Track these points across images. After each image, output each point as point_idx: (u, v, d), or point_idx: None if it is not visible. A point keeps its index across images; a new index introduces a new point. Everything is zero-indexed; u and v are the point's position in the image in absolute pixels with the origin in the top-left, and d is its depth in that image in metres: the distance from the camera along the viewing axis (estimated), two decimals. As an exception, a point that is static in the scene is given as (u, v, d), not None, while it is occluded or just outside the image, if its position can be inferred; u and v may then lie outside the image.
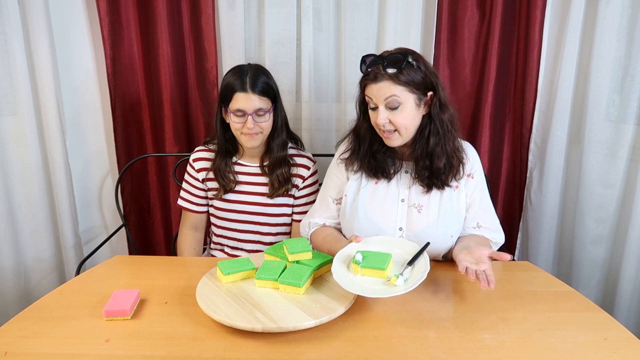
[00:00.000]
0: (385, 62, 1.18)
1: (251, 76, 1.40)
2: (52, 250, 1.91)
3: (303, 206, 1.58)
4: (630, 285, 1.67)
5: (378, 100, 1.20)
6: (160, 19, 1.76)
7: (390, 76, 1.18)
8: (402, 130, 1.22)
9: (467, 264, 1.08)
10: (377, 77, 1.19)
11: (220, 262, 1.16)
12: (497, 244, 1.37)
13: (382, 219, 1.31)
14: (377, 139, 1.31)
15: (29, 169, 1.79)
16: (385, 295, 1.03)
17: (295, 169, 1.55)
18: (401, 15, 1.76)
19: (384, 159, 1.32)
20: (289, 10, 1.81)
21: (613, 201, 1.71)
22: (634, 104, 1.62)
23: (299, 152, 1.58)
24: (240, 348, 0.94)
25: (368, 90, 1.22)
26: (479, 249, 1.12)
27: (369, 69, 1.22)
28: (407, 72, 1.18)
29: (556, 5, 1.71)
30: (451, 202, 1.31)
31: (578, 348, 0.94)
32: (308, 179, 1.57)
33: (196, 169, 1.57)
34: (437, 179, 1.28)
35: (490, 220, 1.36)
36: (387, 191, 1.33)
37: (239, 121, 1.41)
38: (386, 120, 1.20)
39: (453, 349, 0.94)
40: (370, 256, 1.12)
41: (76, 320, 1.04)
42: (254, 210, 1.56)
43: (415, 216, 1.30)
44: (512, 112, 1.86)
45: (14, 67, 1.69)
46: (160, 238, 2.06)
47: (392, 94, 1.18)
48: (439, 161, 1.26)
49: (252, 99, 1.39)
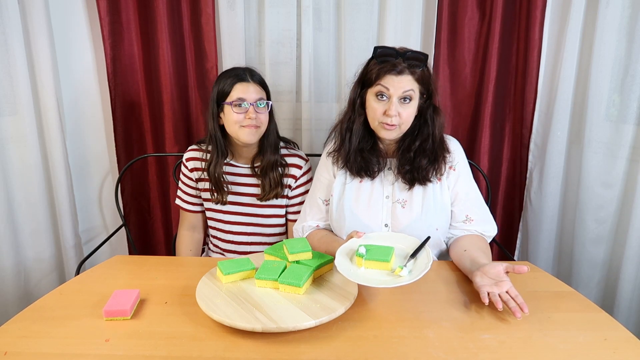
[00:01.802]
0: (409, 58, 1.22)
1: (248, 71, 1.46)
2: (52, 250, 1.91)
3: (298, 205, 1.58)
4: (630, 285, 1.67)
5: (396, 92, 1.22)
6: (160, 19, 1.76)
7: (412, 72, 1.22)
8: (404, 125, 1.26)
9: (488, 289, 1.05)
10: (400, 71, 1.22)
11: (220, 262, 1.16)
12: (489, 237, 1.38)
13: (368, 216, 1.34)
14: (367, 135, 1.33)
15: (29, 169, 1.79)
16: (391, 285, 1.03)
17: (287, 169, 1.55)
18: (401, 15, 1.76)
19: (369, 158, 1.33)
20: (289, 10, 1.81)
21: (613, 201, 1.71)
22: (634, 104, 1.61)
23: (290, 152, 1.58)
24: (240, 348, 0.94)
25: (386, 81, 1.23)
26: (493, 267, 1.10)
27: (386, 60, 1.23)
28: (424, 72, 1.25)
29: (556, 5, 1.71)
30: (434, 196, 1.33)
31: (578, 348, 0.94)
32: (301, 178, 1.57)
33: (189, 168, 1.58)
34: (417, 174, 1.30)
35: (479, 211, 1.37)
36: (372, 189, 1.36)
37: (239, 111, 1.41)
38: (397, 112, 1.23)
39: (453, 349, 0.94)
40: (373, 249, 1.12)
41: (76, 320, 1.03)
42: (245, 211, 1.56)
43: (400, 212, 1.33)
44: (512, 112, 1.86)
45: (14, 67, 1.69)
46: (160, 238, 2.06)
47: (410, 88, 1.23)
48: (423, 159, 1.29)
49: (252, 88, 1.42)
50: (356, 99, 1.31)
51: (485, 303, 1.03)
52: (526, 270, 1.06)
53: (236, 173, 1.55)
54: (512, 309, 1.01)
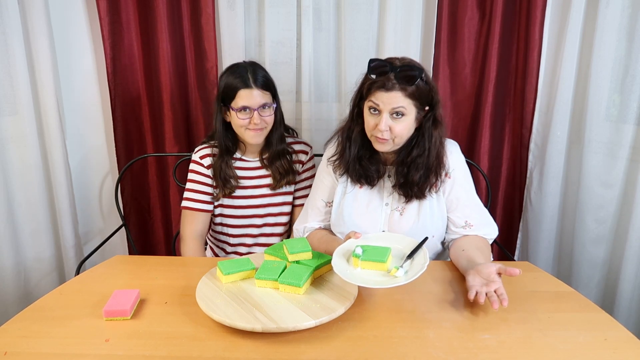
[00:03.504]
0: (400, 74, 1.19)
1: (251, 72, 1.42)
2: (52, 250, 1.91)
3: (303, 190, 1.60)
4: (630, 285, 1.67)
5: (385, 108, 1.21)
6: (160, 19, 1.76)
7: (401, 87, 1.19)
8: (397, 139, 1.24)
9: (478, 289, 1.05)
10: (389, 87, 1.19)
11: (220, 262, 1.16)
12: (491, 238, 1.38)
13: (366, 222, 1.35)
14: (366, 144, 1.33)
15: (29, 169, 1.79)
16: (387, 285, 1.03)
17: (295, 155, 1.58)
18: (401, 15, 1.76)
19: (367, 166, 1.33)
20: (289, 10, 1.80)
21: (613, 201, 1.71)
22: (634, 104, 1.61)
23: (295, 140, 1.62)
24: (240, 348, 0.94)
25: (376, 97, 1.22)
26: (487, 267, 1.10)
27: (379, 75, 1.22)
28: (418, 87, 1.21)
29: (556, 5, 1.71)
30: (430, 205, 1.34)
31: (578, 348, 0.94)
32: (307, 163, 1.61)
33: (205, 165, 1.54)
34: (411, 190, 1.30)
35: (479, 216, 1.37)
36: (371, 196, 1.37)
37: (244, 117, 1.42)
38: (387, 127, 1.21)
39: (453, 349, 0.94)
40: (370, 250, 1.12)
41: (76, 320, 1.03)
42: (260, 202, 1.57)
43: (397, 219, 1.34)
44: (512, 112, 1.85)
45: (14, 67, 1.69)
46: (160, 238, 2.06)
47: (400, 105, 1.20)
48: (416, 173, 1.28)
49: (256, 94, 1.40)
50: (354, 109, 1.32)
51: (471, 300, 1.05)
52: (518, 273, 1.05)
53: (247, 167, 1.56)
54: (491, 298, 1.02)
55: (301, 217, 1.49)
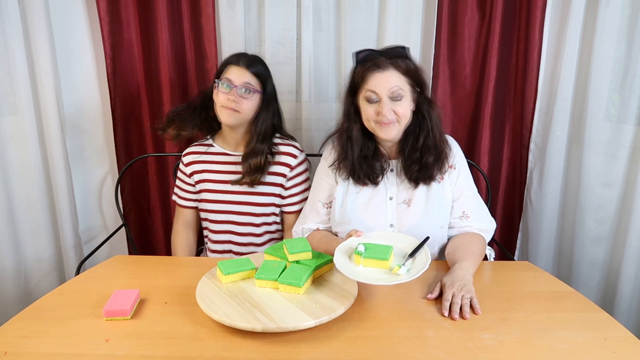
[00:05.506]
0: (390, 54, 1.22)
1: (249, 57, 1.49)
2: (52, 250, 1.91)
3: (294, 196, 1.58)
4: (630, 285, 1.67)
5: (382, 91, 1.22)
6: (160, 19, 1.76)
7: (395, 65, 1.22)
8: (403, 120, 1.26)
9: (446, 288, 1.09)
10: (381, 66, 1.21)
11: (220, 262, 1.16)
12: (488, 232, 1.38)
13: (372, 218, 1.34)
14: (368, 140, 1.33)
15: (29, 169, 1.79)
16: (389, 283, 1.04)
17: (278, 157, 1.54)
18: (401, 15, 1.76)
19: (372, 163, 1.33)
20: (289, 10, 1.80)
21: (613, 201, 1.71)
22: (634, 104, 1.61)
23: (284, 141, 1.58)
24: (240, 348, 0.94)
25: (371, 82, 1.23)
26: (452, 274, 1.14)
27: (366, 60, 1.23)
28: (407, 65, 1.24)
29: (556, 5, 1.70)
30: (438, 195, 1.34)
31: (578, 348, 0.94)
32: (297, 168, 1.57)
33: (185, 163, 1.62)
34: (425, 173, 1.30)
35: (476, 208, 1.37)
36: (374, 191, 1.36)
37: (224, 91, 1.45)
38: (390, 111, 1.22)
39: (453, 349, 0.94)
40: (372, 247, 1.13)
41: (76, 320, 1.04)
42: (238, 199, 1.56)
43: (405, 212, 1.33)
44: (512, 112, 1.85)
45: (14, 67, 1.69)
46: (160, 238, 2.06)
47: (397, 84, 1.22)
48: (429, 155, 1.29)
49: (242, 73, 1.45)
50: (349, 107, 1.32)
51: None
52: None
53: (229, 162, 1.57)
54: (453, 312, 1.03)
55: (300, 219, 1.49)
